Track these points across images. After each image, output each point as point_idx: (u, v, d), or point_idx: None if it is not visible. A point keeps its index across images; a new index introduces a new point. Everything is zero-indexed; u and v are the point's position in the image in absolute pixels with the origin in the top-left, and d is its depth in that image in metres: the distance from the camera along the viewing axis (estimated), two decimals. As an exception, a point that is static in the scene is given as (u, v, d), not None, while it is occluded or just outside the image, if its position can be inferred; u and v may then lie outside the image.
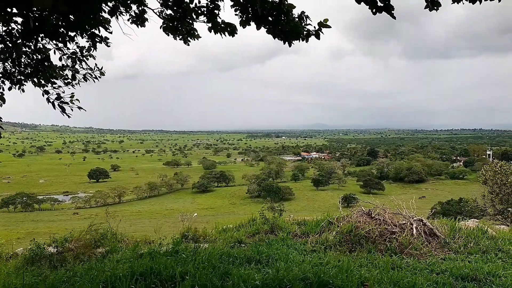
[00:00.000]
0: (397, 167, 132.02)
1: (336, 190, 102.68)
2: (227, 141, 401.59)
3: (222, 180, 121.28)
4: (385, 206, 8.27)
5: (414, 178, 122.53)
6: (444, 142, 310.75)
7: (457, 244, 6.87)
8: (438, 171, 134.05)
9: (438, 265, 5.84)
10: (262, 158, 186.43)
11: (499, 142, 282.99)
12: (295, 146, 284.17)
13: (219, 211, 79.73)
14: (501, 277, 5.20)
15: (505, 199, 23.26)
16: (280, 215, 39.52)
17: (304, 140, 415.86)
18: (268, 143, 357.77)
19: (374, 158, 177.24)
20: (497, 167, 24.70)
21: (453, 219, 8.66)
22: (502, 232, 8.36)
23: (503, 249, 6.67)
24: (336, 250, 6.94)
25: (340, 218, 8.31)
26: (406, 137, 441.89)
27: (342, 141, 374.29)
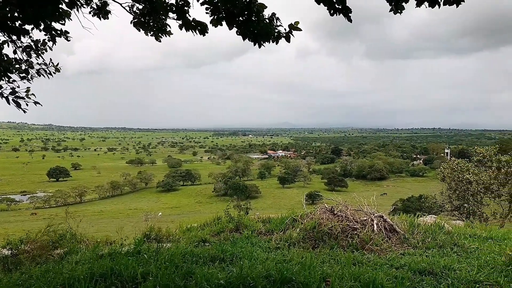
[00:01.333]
0: (360, 165, 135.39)
1: (302, 187, 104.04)
2: (193, 139, 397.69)
3: (187, 179, 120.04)
4: (347, 203, 8.45)
5: (376, 175, 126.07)
6: (405, 140, 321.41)
7: (415, 240, 7.11)
8: (399, 169, 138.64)
9: (398, 260, 6.02)
10: (229, 157, 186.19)
11: (457, 140, 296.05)
12: (262, 145, 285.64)
13: (184, 210, 78.88)
14: (456, 270, 5.42)
15: (461, 195, 24.36)
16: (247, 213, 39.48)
17: (271, 138, 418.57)
18: (235, 141, 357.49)
19: (338, 156, 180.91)
20: (454, 165, 25.83)
21: (412, 215, 8.98)
22: (458, 227, 8.75)
23: (458, 243, 6.97)
24: (299, 247, 7.01)
25: (304, 215, 8.42)
26: (368, 135, 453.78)
27: (308, 140, 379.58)
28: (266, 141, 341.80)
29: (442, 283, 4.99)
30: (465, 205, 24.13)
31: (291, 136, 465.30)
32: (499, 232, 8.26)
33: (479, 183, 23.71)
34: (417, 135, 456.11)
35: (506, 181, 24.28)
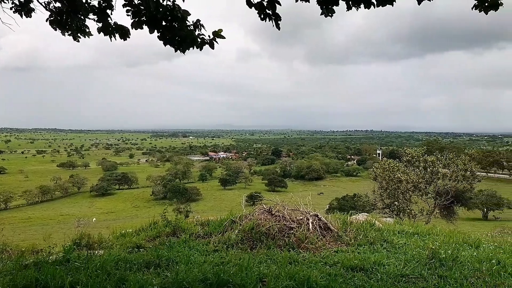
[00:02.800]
0: (298, 166, 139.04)
1: (243, 189, 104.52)
2: (130, 141, 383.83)
3: (124, 182, 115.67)
4: (285, 203, 8.58)
5: (313, 175, 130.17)
6: (340, 142, 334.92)
7: (348, 237, 7.39)
8: (335, 169, 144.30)
9: (331, 257, 6.21)
10: (168, 159, 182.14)
11: (387, 142, 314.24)
12: (202, 146, 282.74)
13: (120, 215, 75.93)
14: (385, 266, 5.70)
15: (392, 193, 25.80)
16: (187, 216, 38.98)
17: (212, 140, 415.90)
18: (174, 143, 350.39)
19: (278, 157, 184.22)
20: (385, 165, 27.32)
21: (345, 213, 9.33)
22: (388, 224, 9.23)
23: (388, 239, 7.33)
24: (238, 248, 6.99)
25: (242, 217, 8.41)
26: (306, 137, 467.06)
27: (249, 141, 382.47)
28: (207, 143, 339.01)
29: (372, 278, 5.22)
30: (395, 203, 25.61)
31: (233, 138, 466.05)
32: (424, 228, 8.82)
33: (408, 182, 25.30)
34: (351, 136, 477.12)
35: (432, 180, 26.16)
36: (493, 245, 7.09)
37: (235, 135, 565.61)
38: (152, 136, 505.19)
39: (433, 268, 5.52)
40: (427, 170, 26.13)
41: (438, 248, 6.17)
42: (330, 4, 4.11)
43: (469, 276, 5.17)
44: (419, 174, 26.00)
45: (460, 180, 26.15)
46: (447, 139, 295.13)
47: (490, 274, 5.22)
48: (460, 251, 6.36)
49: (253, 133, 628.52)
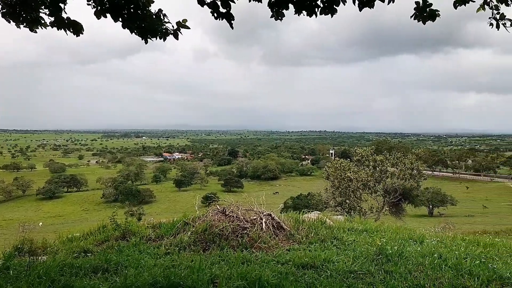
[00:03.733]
0: (254, 166, 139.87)
1: (199, 190, 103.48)
2: (79, 142, 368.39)
3: (72, 185, 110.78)
4: (239, 203, 8.58)
5: (269, 175, 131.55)
6: (295, 142, 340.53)
7: (300, 235, 7.51)
8: (290, 169, 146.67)
9: (284, 256, 6.28)
10: (120, 160, 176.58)
11: (340, 142, 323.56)
12: (156, 147, 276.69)
13: (69, 219, 72.69)
14: (335, 262, 5.84)
15: (343, 192, 26.53)
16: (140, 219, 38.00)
17: (166, 140, 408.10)
18: (127, 143, 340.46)
19: (234, 158, 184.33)
20: (337, 164, 28.05)
21: (298, 212, 9.48)
22: (338, 221, 9.48)
23: (338, 237, 7.52)
24: (190, 251, 6.90)
25: (196, 218, 8.31)
26: (263, 137, 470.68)
27: (205, 141, 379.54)
28: (161, 143, 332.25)
29: (322, 275, 5.33)
30: (346, 201, 26.37)
31: (188, 138, 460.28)
32: (373, 225, 9.15)
33: (359, 181, 26.14)
34: (306, 137, 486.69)
35: (381, 178, 27.21)
36: (435, 240, 7.46)
37: (191, 135, 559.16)
38: (103, 136, 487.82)
39: (380, 263, 5.72)
40: (376, 169, 27.13)
41: (385, 244, 6.42)
42: (280, 7, 4.16)
43: (413, 270, 5.41)
44: (368, 173, 26.92)
45: (407, 178, 27.37)
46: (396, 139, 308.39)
47: (432, 267, 5.49)
48: (406, 247, 6.64)
49: (210, 134, 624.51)
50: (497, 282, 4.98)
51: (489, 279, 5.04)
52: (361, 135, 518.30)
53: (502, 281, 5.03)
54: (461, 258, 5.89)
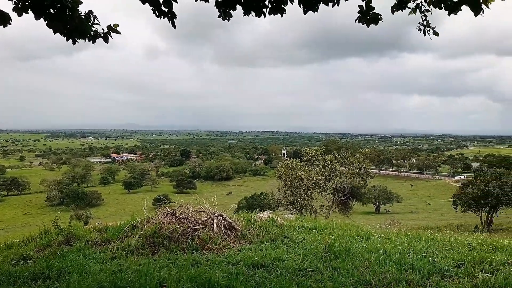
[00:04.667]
0: (208, 166, 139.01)
1: (149, 192, 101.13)
2: (21, 142, 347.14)
3: (13, 188, 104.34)
4: (190, 204, 8.43)
5: (223, 176, 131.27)
6: (248, 142, 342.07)
7: (251, 235, 7.51)
8: (243, 169, 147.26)
9: (235, 256, 6.25)
10: (65, 161, 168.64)
11: (292, 142, 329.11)
12: (104, 147, 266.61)
13: (10, 224, 68.37)
14: (285, 261, 5.89)
15: (295, 191, 26.98)
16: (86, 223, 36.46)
17: (114, 140, 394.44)
18: (72, 144, 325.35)
19: (186, 158, 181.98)
20: (289, 164, 28.52)
21: (250, 212, 9.49)
22: (289, 220, 9.58)
23: (288, 235, 7.60)
24: (138, 254, 6.69)
25: (144, 221, 8.07)
26: (216, 138, 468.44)
27: (156, 142, 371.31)
28: (109, 144, 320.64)
29: (272, 274, 5.36)
30: (298, 199, 26.85)
31: (138, 138, 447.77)
32: (322, 223, 9.34)
33: (310, 180, 26.71)
34: (259, 137, 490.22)
35: (331, 177, 27.97)
36: (381, 236, 7.75)
37: (141, 135, 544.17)
38: (46, 136, 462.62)
39: (328, 260, 5.85)
40: (326, 168, 27.87)
41: (333, 242, 6.56)
42: (227, 8, 4.12)
43: (359, 266, 5.57)
44: (319, 172, 27.61)
45: (355, 177, 28.37)
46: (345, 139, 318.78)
47: (377, 263, 5.68)
48: (353, 243, 6.83)
49: (160, 134, 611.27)
50: (437, 274, 5.25)
51: (430, 272, 5.30)
52: (312, 135, 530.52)
53: (442, 273, 5.31)
54: (404, 253, 6.14)
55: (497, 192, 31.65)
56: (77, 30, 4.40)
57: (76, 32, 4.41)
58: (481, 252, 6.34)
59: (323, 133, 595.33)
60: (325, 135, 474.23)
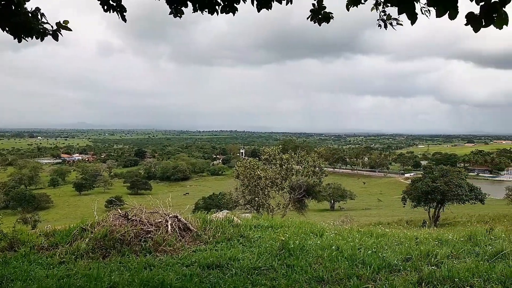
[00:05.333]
0: (164, 167, 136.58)
1: (102, 193, 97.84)
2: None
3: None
4: (144, 206, 8.23)
5: (180, 176, 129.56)
6: (206, 142, 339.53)
7: (207, 235, 7.44)
8: (201, 169, 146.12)
9: (189, 257, 6.17)
10: (11, 162, 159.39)
11: (250, 142, 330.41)
12: (54, 148, 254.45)
13: None
14: (240, 260, 5.88)
15: (252, 190, 27.10)
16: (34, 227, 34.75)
17: (65, 140, 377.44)
18: (19, 144, 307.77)
19: (141, 159, 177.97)
20: (247, 163, 28.60)
21: (206, 212, 9.40)
22: (246, 219, 9.59)
23: (244, 234, 7.60)
24: (88, 258, 6.44)
25: (95, 224, 7.78)
26: (172, 137, 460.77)
27: (109, 142, 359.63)
28: (59, 144, 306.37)
29: (227, 274, 5.34)
30: (255, 198, 27.01)
31: (90, 138, 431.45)
32: (278, 221, 9.42)
33: (267, 178, 26.94)
34: (217, 136, 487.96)
35: (287, 175, 28.34)
36: (334, 233, 7.93)
37: (93, 135, 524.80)
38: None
39: (283, 258, 5.91)
40: (283, 167, 28.21)
41: (288, 239, 6.64)
42: (178, 5, 4.05)
43: (313, 263, 5.68)
44: (276, 171, 27.90)
45: (310, 175, 28.92)
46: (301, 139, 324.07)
47: (330, 259, 5.81)
48: (307, 241, 6.94)
49: (114, 133, 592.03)
50: (386, 269, 5.44)
51: (380, 266, 5.49)
52: (270, 134, 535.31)
53: (391, 268, 5.52)
54: (356, 249, 6.33)
55: (443, 188, 33.41)
56: (23, 27, 4.20)
57: (22, 30, 4.21)
58: (428, 246, 6.64)
59: (280, 133, 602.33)
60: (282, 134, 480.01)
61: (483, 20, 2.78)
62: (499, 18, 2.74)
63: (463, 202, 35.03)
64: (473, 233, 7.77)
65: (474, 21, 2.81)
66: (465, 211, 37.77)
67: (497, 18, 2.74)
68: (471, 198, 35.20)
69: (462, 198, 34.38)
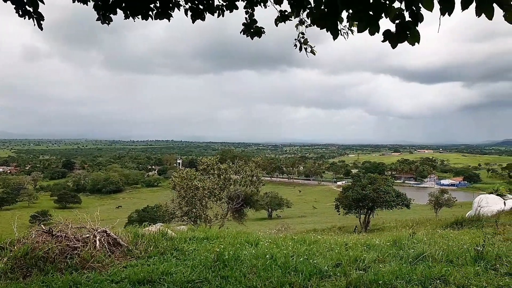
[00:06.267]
0: (94, 179, 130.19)
1: (26, 208, 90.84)
2: None
3: None
4: (70, 221, 7.76)
5: (112, 188, 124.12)
6: (141, 152, 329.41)
7: (139, 250, 7.17)
8: (135, 180, 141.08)
9: (119, 274, 5.90)
10: None
11: (188, 152, 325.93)
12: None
13: None
14: (173, 274, 5.73)
15: (190, 201, 26.61)
16: None
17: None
18: None
19: (70, 170, 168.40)
20: (183, 174, 28.09)
21: (138, 225, 9.07)
22: (181, 232, 9.39)
23: (179, 247, 7.43)
24: (7, 279, 5.92)
25: (14, 241, 7.18)
26: (104, 147, 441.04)
27: (34, 152, 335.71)
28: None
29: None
30: (193, 210, 26.57)
31: (12, 149, 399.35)
32: (214, 232, 9.34)
33: (205, 189, 26.64)
34: (152, 146, 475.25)
35: (225, 186, 28.26)
36: (268, 241, 8.03)
37: (16, 145, 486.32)
38: None
39: (217, 270, 5.86)
40: (221, 177, 28.11)
41: (223, 250, 6.61)
42: (106, 11, 3.92)
43: (247, 273, 5.69)
44: (214, 181, 27.71)
45: (248, 185, 29.10)
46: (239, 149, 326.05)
47: (264, 268, 5.86)
48: (242, 251, 6.95)
49: (40, 143, 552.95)
50: (317, 275, 5.61)
51: (311, 273, 5.64)
52: (208, 144, 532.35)
53: (322, 274, 5.69)
54: (289, 257, 6.45)
55: (372, 195, 35.26)
56: None
57: None
58: (356, 252, 6.96)
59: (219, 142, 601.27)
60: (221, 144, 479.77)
61: (399, 37, 3.02)
62: (412, 36, 3.01)
63: (391, 208, 37.21)
64: (397, 238, 8.28)
65: (391, 38, 3.05)
66: (393, 216, 40.11)
67: (410, 35, 3.00)
68: (398, 204, 37.53)
69: (390, 204, 36.53)
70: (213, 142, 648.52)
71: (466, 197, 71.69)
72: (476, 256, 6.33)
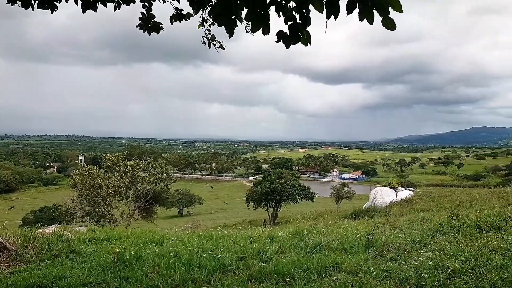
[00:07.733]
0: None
1: None
2: None
3: None
4: None
5: (3, 187, 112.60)
6: (38, 148, 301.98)
7: (29, 254, 6.58)
8: (31, 179, 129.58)
9: (5, 280, 5.36)
10: None
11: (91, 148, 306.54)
12: None
13: None
14: (68, 278, 5.37)
15: (93, 200, 25.11)
16: None
17: None
18: None
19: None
20: (85, 171, 26.38)
21: (29, 227, 8.33)
22: (80, 233, 8.82)
23: (76, 249, 6.96)
24: None
25: None
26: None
27: None
28: None
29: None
30: (96, 209, 25.10)
31: None
32: (116, 232, 8.94)
33: (109, 187, 25.32)
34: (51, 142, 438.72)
35: (132, 183, 27.17)
36: (174, 239, 7.92)
37: None
38: None
39: (117, 271, 5.62)
40: (127, 174, 26.98)
41: (124, 250, 6.36)
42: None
43: (149, 272, 5.55)
44: (120, 178, 26.49)
45: (157, 182, 28.35)
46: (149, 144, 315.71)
47: (167, 267, 5.76)
48: (145, 250, 6.76)
49: None
50: (221, 270, 5.67)
51: (215, 268, 5.68)
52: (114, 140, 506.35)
53: (225, 268, 5.77)
54: (193, 253, 6.42)
55: (280, 189, 36.75)
56: None
57: None
58: (260, 244, 7.19)
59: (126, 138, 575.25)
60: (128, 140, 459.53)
61: (292, 38, 3.19)
62: (304, 37, 3.19)
63: (296, 201, 39.10)
64: (299, 229, 8.73)
65: (284, 39, 3.21)
66: (299, 209, 42.11)
67: (302, 36, 3.18)
68: (303, 197, 39.58)
69: (296, 198, 38.38)
70: (120, 137, 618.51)
71: (364, 190, 78.09)
72: (367, 244, 6.93)
